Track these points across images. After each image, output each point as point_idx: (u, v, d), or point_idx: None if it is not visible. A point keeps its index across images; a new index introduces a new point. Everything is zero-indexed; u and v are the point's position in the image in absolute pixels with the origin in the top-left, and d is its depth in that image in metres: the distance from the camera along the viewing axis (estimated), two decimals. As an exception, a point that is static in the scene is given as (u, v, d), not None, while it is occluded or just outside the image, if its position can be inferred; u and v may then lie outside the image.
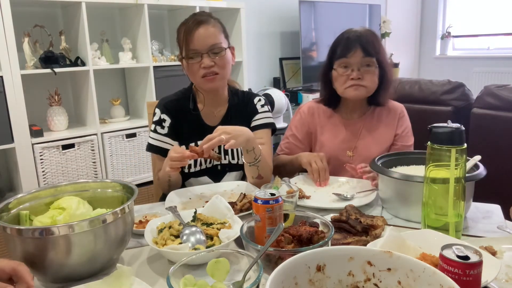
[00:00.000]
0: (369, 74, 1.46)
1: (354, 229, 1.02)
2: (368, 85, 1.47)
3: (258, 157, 1.35)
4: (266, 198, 0.90)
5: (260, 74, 3.92)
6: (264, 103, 1.57)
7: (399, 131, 1.58)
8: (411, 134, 1.61)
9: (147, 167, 2.78)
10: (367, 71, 1.46)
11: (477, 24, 5.12)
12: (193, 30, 1.37)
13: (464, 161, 0.93)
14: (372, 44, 1.45)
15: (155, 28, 3.02)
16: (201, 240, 0.95)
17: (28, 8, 2.56)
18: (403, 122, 1.59)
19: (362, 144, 1.56)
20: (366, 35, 1.46)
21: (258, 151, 1.35)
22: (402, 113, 1.60)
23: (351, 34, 1.47)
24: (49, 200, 1.00)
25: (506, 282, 0.81)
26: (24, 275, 0.73)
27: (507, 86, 2.08)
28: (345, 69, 1.47)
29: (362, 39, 1.44)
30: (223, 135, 1.23)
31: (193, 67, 1.40)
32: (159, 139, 1.46)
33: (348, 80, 1.47)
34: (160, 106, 1.49)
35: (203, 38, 1.37)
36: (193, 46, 1.37)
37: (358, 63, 1.45)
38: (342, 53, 1.46)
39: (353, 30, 1.49)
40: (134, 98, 3.00)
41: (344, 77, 1.48)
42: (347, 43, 1.46)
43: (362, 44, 1.44)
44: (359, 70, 1.45)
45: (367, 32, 1.48)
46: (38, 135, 2.36)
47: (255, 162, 1.35)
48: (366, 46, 1.44)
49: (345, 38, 1.47)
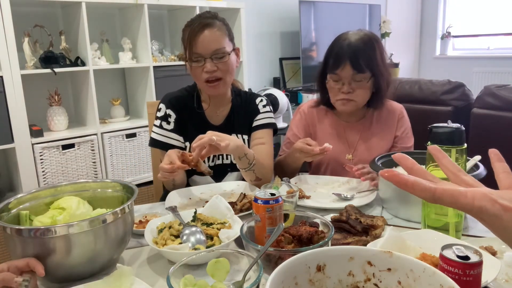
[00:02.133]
0: (360, 88, 1.44)
1: (354, 229, 1.02)
2: (358, 99, 1.46)
3: (252, 162, 1.34)
4: (266, 198, 0.90)
5: (260, 74, 3.92)
6: (265, 103, 1.57)
7: (398, 132, 1.57)
8: (411, 135, 1.60)
9: (147, 167, 2.78)
10: (358, 86, 1.44)
11: (477, 24, 5.12)
12: (197, 34, 1.36)
13: (464, 161, 0.93)
14: (364, 57, 1.40)
15: (155, 28, 3.02)
16: (201, 240, 0.95)
17: (28, 8, 2.56)
18: (403, 123, 1.58)
19: (361, 147, 1.55)
20: (357, 47, 1.40)
21: (250, 156, 1.34)
22: (402, 114, 1.59)
23: (343, 45, 1.42)
24: (49, 200, 1.00)
25: (506, 282, 0.81)
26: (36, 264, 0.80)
27: (507, 86, 2.08)
28: (336, 82, 1.46)
29: (353, 53, 1.39)
30: (214, 136, 1.23)
31: (196, 70, 1.40)
32: (165, 134, 1.46)
33: (339, 93, 1.46)
34: (165, 101, 1.48)
35: (207, 42, 1.36)
36: (197, 50, 1.37)
37: (348, 78, 1.43)
38: (332, 67, 1.45)
39: (347, 38, 1.43)
40: (134, 98, 3.00)
41: (335, 89, 1.47)
42: (337, 57, 1.42)
43: (352, 59, 1.39)
44: (350, 84, 1.43)
45: (359, 43, 1.41)
46: (38, 135, 2.36)
47: (250, 166, 1.34)
48: (356, 61, 1.39)
49: (336, 52, 1.43)
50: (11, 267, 0.79)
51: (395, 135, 1.57)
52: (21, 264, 0.80)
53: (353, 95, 1.45)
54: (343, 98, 1.46)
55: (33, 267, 0.80)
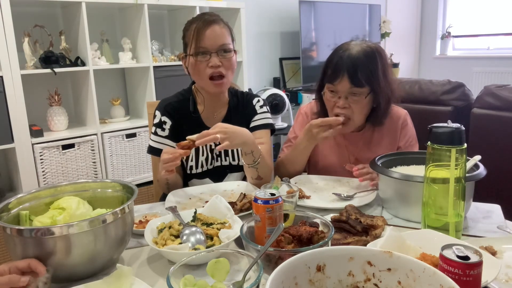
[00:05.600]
0: (357, 104, 1.37)
1: (354, 229, 1.02)
2: (354, 117, 1.39)
3: (257, 160, 1.34)
4: (266, 198, 0.90)
5: (260, 74, 3.92)
6: (263, 103, 1.57)
7: (401, 143, 1.51)
8: (415, 142, 1.53)
9: (147, 167, 2.79)
10: (355, 101, 1.36)
11: (477, 24, 5.12)
12: (205, 27, 1.36)
13: (464, 161, 0.93)
14: (363, 71, 1.33)
15: (155, 28, 3.02)
16: (201, 240, 0.95)
17: (28, 8, 2.56)
18: (406, 132, 1.52)
19: (362, 158, 1.51)
20: (357, 60, 1.33)
21: (257, 154, 1.34)
22: (405, 122, 1.52)
23: (343, 56, 1.35)
24: (49, 200, 1.00)
25: (506, 282, 0.80)
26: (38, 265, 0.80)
27: (507, 86, 2.08)
28: (333, 94, 1.39)
29: (352, 65, 1.32)
30: (220, 134, 1.22)
31: (200, 65, 1.39)
32: (160, 141, 1.46)
33: (335, 107, 1.39)
34: (161, 108, 1.49)
35: (214, 37, 1.37)
36: (203, 44, 1.37)
37: (344, 92, 1.36)
38: (329, 79, 1.38)
39: (348, 49, 1.36)
40: (134, 98, 3.00)
41: (331, 103, 1.41)
42: (335, 68, 1.36)
43: (350, 72, 1.32)
44: (347, 98, 1.36)
45: (360, 55, 1.34)
46: (38, 135, 2.36)
47: (253, 164, 1.35)
48: (355, 75, 1.32)
49: (334, 62, 1.36)
50: (12, 268, 0.79)
51: (398, 145, 1.51)
52: (22, 265, 0.79)
53: (349, 111, 1.38)
54: (339, 114, 1.38)
55: (35, 268, 0.79)
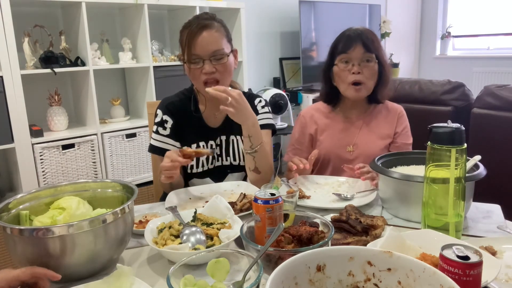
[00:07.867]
0: (369, 69, 1.51)
1: (354, 229, 1.02)
2: (367, 81, 1.51)
3: (254, 147, 1.35)
4: (266, 198, 0.90)
5: (260, 74, 3.92)
6: (264, 104, 1.57)
7: (399, 129, 1.61)
8: (410, 134, 1.63)
9: (147, 167, 2.78)
10: (367, 66, 1.50)
11: (477, 24, 5.12)
12: (196, 35, 1.36)
13: (464, 161, 0.93)
14: (372, 41, 1.51)
15: (155, 28, 3.02)
16: (201, 240, 0.95)
17: (28, 8, 2.56)
18: (403, 121, 1.63)
19: (362, 140, 1.58)
20: (366, 33, 1.52)
21: (255, 141, 1.35)
22: (402, 113, 1.64)
23: (352, 32, 1.53)
24: (49, 200, 1.00)
25: (506, 282, 0.81)
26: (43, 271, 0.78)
27: (507, 86, 2.08)
28: (346, 64, 1.52)
29: (363, 36, 1.50)
30: (232, 100, 1.26)
31: (195, 72, 1.39)
32: (161, 140, 1.46)
33: (349, 75, 1.51)
34: (162, 107, 1.49)
35: (206, 43, 1.36)
36: (195, 51, 1.36)
37: (358, 58, 1.50)
38: (343, 49, 1.52)
39: (354, 28, 1.55)
40: (134, 98, 3.00)
41: (345, 72, 1.52)
42: (348, 40, 1.52)
43: (363, 40, 1.49)
44: (360, 65, 1.50)
45: (367, 30, 1.54)
46: (38, 135, 2.36)
47: (251, 151, 1.36)
48: (367, 43, 1.49)
49: (346, 35, 1.53)
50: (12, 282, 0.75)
51: (395, 131, 1.61)
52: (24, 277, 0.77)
53: (363, 77, 1.50)
54: (354, 81, 1.50)
55: (44, 275, 0.78)
